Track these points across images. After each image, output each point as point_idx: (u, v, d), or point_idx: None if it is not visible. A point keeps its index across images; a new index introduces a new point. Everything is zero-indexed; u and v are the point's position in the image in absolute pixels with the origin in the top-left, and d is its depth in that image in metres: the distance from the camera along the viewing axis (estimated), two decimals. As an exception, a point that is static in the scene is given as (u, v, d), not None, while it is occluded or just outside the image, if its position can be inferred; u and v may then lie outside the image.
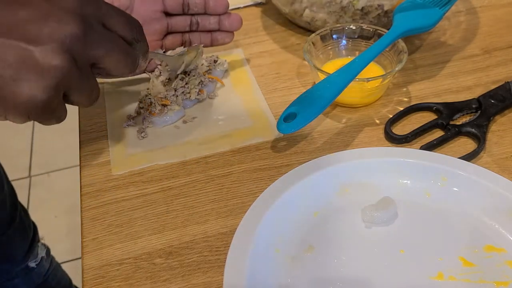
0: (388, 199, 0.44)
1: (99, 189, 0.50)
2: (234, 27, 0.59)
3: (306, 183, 0.45)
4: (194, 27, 0.58)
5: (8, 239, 0.80)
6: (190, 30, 0.59)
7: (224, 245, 0.44)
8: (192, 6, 0.57)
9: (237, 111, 0.57)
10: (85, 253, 0.44)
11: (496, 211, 0.43)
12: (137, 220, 0.46)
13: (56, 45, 0.34)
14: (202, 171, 0.50)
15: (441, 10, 0.57)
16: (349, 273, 0.40)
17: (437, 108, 0.54)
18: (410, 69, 0.61)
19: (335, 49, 0.61)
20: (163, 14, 0.56)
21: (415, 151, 0.48)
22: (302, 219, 0.44)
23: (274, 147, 0.52)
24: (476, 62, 0.62)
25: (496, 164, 0.49)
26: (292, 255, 0.42)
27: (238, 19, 0.59)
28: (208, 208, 0.47)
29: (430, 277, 0.40)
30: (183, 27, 0.58)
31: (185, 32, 0.59)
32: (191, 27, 0.58)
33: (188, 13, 0.58)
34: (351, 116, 0.55)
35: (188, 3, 0.57)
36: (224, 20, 0.58)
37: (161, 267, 0.43)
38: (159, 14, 0.56)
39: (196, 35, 0.59)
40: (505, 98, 0.54)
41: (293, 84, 0.60)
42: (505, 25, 0.67)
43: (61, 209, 1.50)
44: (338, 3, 0.61)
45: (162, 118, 0.55)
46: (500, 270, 0.40)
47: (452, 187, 0.45)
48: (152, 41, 0.56)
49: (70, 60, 0.35)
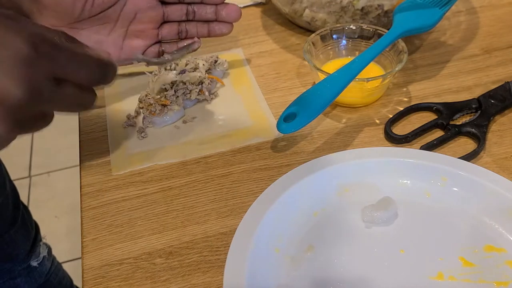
0: (388, 199, 0.44)
1: (99, 189, 0.50)
2: (231, 18, 0.58)
3: (306, 183, 0.45)
4: (191, 16, 0.58)
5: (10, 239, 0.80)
6: (187, 19, 0.58)
7: (224, 245, 0.44)
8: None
9: (237, 111, 0.57)
10: (85, 253, 0.44)
11: (496, 211, 0.43)
12: (137, 220, 0.46)
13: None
14: (202, 171, 0.50)
15: (441, 10, 0.57)
16: (349, 273, 0.40)
17: (437, 108, 0.54)
18: (410, 69, 0.61)
19: (335, 49, 0.61)
20: (159, 2, 0.56)
21: (415, 151, 0.48)
22: (302, 219, 0.44)
23: (274, 147, 0.52)
24: (476, 62, 0.62)
25: (496, 164, 0.49)
26: (292, 255, 0.42)
27: (235, 9, 0.58)
28: (208, 208, 0.47)
29: (430, 277, 0.40)
30: (179, 16, 0.57)
31: (181, 22, 0.58)
32: (187, 16, 0.58)
33: (184, 1, 0.57)
34: (351, 116, 0.55)
35: None
36: (221, 10, 0.57)
37: (161, 267, 0.43)
38: (154, 2, 0.55)
39: (192, 25, 0.58)
40: (505, 98, 0.54)
41: (293, 84, 0.60)
42: (505, 25, 0.67)
43: (61, 209, 1.49)
44: (338, 3, 0.61)
45: (162, 118, 0.55)
46: (500, 270, 0.40)
47: (452, 187, 0.45)
48: (148, 30, 0.56)
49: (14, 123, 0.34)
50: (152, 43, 0.56)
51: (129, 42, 0.55)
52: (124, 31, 0.54)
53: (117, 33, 0.54)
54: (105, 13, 0.52)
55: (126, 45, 0.55)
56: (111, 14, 0.53)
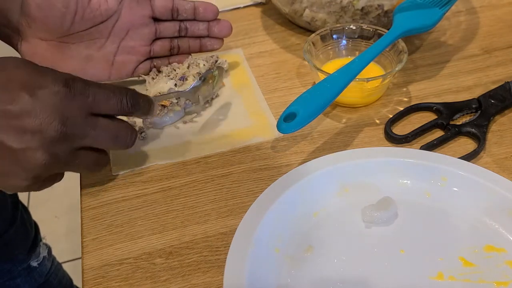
0: (388, 199, 0.44)
1: (99, 189, 0.50)
2: (223, 34, 0.58)
3: (306, 183, 0.45)
4: (183, 32, 0.58)
5: (10, 239, 0.80)
6: (179, 35, 0.58)
7: (224, 245, 0.44)
8: (181, 12, 0.56)
9: (237, 111, 0.57)
10: (85, 253, 0.44)
11: (496, 211, 0.43)
12: (137, 220, 0.46)
13: (36, 145, 0.37)
14: (202, 171, 0.50)
15: (441, 10, 0.57)
16: (349, 273, 0.40)
17: (437, 108, 0.54)
18: (410, 69, 0.61)
19: (335, 49, 0.61)
20: (152, 19, 0.56)
21: (415, 151, 0.48)
22: (302, 219, 0.44)
23: (274, 147, 0.52)
24: (476, 62, 0.62)
25: (496, 164, 0.49)
26: (292, 255, 0.42)
27: (227, 26, 0.58)
28: (208, 208, 0.47)
29: (430, 277, 0.40)
30: (172, 33, 0.57)
31: (173, 38, 0.58)
32: (179, 32, 0.58)
33: (177, 18, 0.57)
34: (351, 116, 0.55)
35: (177, 9, 0.56)
36: (213, 27, 0.58)
37: (161, 267, 0.43)
38: (147, 20, 0.55)
39: (184, 41, 0.59)
40: (505, 98, 0.54)
41: (293, 84, 0.60)
42: (505, 25, 0.67)
43: (61, 209, 1.49)
44: (338, 3, 0.61)
45: (162, 118, 0.55)
46: (500, 270, 0.40)
47: (452, 187, 0.45)
48: (140, 46, 0.56)
49: (51, 157, 0.38)
50: (144, 59, 0.56)
51: (120, 58, 0.55)
52: (115, 47, 0.54)
53: (108, 49, 0.54)
54: (96, 28, 0.52)
55: (117, 61, 0.55)
56: (102, 30, 0.52)
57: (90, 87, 0.39)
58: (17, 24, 0.49)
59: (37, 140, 0.37)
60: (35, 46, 0.51)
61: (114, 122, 0.42)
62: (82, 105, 0.39)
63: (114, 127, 0.42)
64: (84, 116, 0.39)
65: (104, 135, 0.41)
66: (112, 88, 0.41)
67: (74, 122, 0.38)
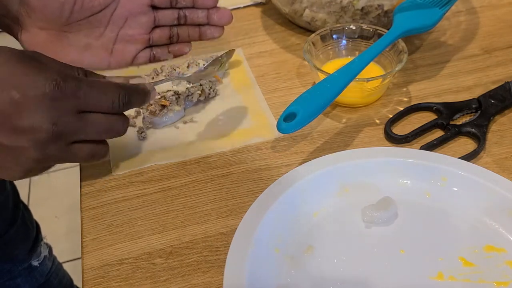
0: (388, 199, 0.44)
1: (99, 189, 0.50)
2: (223, 22, 0.58)
3: (306, 183, 0.45)
4: (182, 21, 0.57)
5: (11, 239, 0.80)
6: (178, 23, 0.58)
7: (224, 245, 0.44)
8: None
9: (237, 111, 0.57)
10: (85, 253, 0.44)
11: (496, 211, 0.43)
12: (137, 220, 0.46)
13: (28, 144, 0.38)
14: (202, 171, 0.50)
15: (441, 10, 0.57)
16: (349, 273, 0.40)
17: (437, 108, 0.54)
18: (410, 69, 0.61)
19: (335, 49, 0.61)
20: (150, 7, 0.56)
21: (415, 151, 0.48)
22: (302, 219, 0.44)
23: (274, 147, 0.52)
24: (476, 62, 0.62)
25: (496, 164, 0.49)
26: (292, 255, 0.42)
27: (227, 13, 0.58)
28: (208, 208, 0.47)
29: (430, 277, 0.40)
30: (171, 21, 0.57)
31: (172, 26, 0.58)
32: (179, 20, 0.57)
33: (176, 6, 0.57)
34: (351, 116, 0.55)
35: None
36: (212, 14, 0.57)
37: (161, 267, 0.43)
38: (146, 8, 0.55)
39: (184, 29, 0.58)
40: (505, 98, 0.54)
41: (293, 84, 0.60)
42: (505, 25, 0.67)
43: (61, 209, 1.49)
44: (338, 3, 0.61)
45: (162, 118, 0.55)
46: (500, 270, 0.40)
47: (452, 187, 0.45)
48: (139, 35, 0.55)
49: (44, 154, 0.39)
50: (143, 47, 0.56)
51: (119, 47, 0.54)
52: (114, 35, 0.54)
53: (107, 38, 0.54)
54: (95, 16, 0.52)
55: (116, 49, 0.54)
56: (101, 18, 0.52)
57: (82, 88, 0.40)
58: (17, 14, 0.50)
59: (29, 140, 0.38)
60: (35, 35, 0.51)
61: (106, 115, 0.43)
62: (73, 105, 0.40)
63: (106, 120, 0.42)
64: (75, 114, 0.40)
65: (96, 129, 0.42)
66: (105, 87, 0.42)
67: (65, 121, 0.39)
